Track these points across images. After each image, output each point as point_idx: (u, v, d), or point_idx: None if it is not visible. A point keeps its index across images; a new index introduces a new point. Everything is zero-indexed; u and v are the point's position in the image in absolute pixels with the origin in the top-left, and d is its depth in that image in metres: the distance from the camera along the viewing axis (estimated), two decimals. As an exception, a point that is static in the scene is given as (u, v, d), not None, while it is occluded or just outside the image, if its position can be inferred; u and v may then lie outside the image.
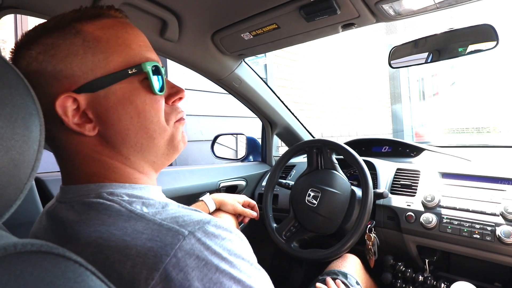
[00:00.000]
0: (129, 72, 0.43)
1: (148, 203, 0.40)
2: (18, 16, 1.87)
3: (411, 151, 1.38)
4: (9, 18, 1.86)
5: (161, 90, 0.46)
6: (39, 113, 0.34)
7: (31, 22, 1.88)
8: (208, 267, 0.34)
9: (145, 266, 0.33)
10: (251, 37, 1.02)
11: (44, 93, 0.41)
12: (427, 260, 1.05)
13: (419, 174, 1.13)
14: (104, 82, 0.42)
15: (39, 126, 0.34)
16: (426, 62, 1.12)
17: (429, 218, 0.99)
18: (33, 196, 0.83)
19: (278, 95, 1.50)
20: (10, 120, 0.31)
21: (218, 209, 0.94)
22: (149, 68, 0.44)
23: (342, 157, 1.10)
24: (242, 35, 1.01)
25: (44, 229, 0.45)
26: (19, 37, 0.47)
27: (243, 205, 0.98)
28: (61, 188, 0.46)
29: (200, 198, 0.92)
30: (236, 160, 1.82)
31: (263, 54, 3.48)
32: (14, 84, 0.33)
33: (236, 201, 0.96)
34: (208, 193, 0.95)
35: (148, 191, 0.45)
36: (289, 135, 1.63)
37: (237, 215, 0.97)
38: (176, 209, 0.40)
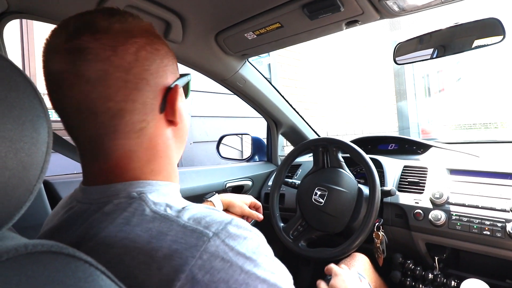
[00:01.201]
0: (186, 78, 0.50)
1: (170, 202, 0.41)
2: (24, 20, 1.89)
3: (418, 148, 1.37)
4: (14, 22, 1.89)
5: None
6: (47, 115, 0.35)
7: (36, 26, 1.90)
8: (233, 268, 0.34)
9: (171, 268, 0.33)
10: (255, 36, 1.02)
11: (152, 83, 0.43)
12: (436, 258, 1.04)
13: (426, 171, 1.12)
14: (184, 80, 0.49)
15: (47, 128, 0.34)
16: (431, 58, 1.11)
17: (438, 215, 0.98)
18: (41, 198, 0.84)
19: (283, 95, 1.49)
20: (18, 123, 0.31)
21: (225, 210, 0.94)
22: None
23: (348, 155, 1.09)
24: (245, 35, 1.01)
25: (61, 230, 0.44)
26: (31, 39, 0.48)
27: (249, 206, 0.98)
28: (82, 188, 0.45)
29: (208, 199, 0.92)
30: (242, 160, 1.82)
31: (266, 54, 3.47)
32: (22, 87, 0.33)
33: (244, 202, 0.96)
34: (216, 193, 0.95)
35: (172, 189, 0.46)
36: (294, 134, 1.63)
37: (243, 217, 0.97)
38: (197, 209, 0.40)
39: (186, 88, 0.52)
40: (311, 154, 1.25)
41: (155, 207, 0.39)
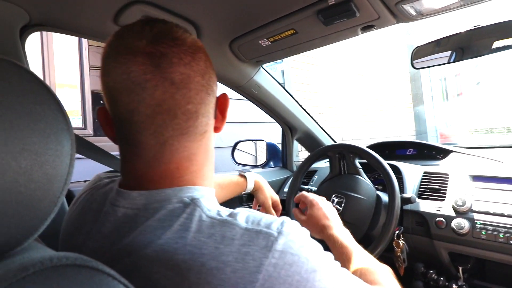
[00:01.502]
0: None
1: (218, 208, 0.42)
2: (43, 32, 1.96)
3: (438, 153, 1.33)
4: (35, 34, 1.95)
5: None
6: (70, 128, 0.35)
7: (56, 38, 1.97)
8: (302, 259, 0.37)
9: (247, 270, 0.35)
10: (269, 43, 1.02)
11: (214, 89, 0.47)
12: (460, 268, 1.01)
13: (447, 178, 1.09)
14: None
15: (70, 140, 0.35)
16: (449, 62, 1.09)
17: (461, 223, 0.94)
18: (62, 206, 0.86)
19: (297, 100, 1.49)
20: (43, 136, 0.32)
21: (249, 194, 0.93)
22: None
23: (365, 161, 1.07)
24: (259, 41, 1.01)
25: (101, 237, 0.43)
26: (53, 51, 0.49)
27: (272, 203, 0.98)
28: (121, 192, 0.45)
29: (245, 173, 0.90)
30: (257, 166, 1.81)
31: (280, 60, 3.48)
32: (47, 101, 0.34)
33: (271, 196, 0.95)
34: (252, 171, 0.93)
35: (213, 194, 0.47)
36: (309, 140, 1.62)
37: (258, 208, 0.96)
38: (245, 212, 0.41)
39: None
40: (327, 160, 1.24)
41: (209, 213, 0.40)
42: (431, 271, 1.05)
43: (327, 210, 0.80)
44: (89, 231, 0.45)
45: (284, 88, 1.42)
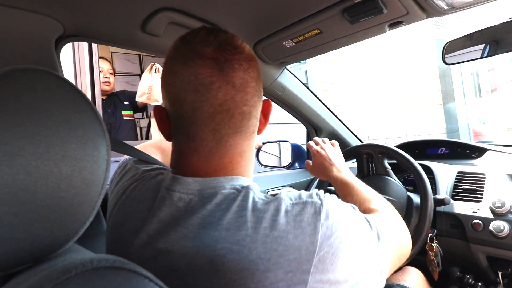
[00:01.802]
0: None
1: (262, 193, 0.48)
2: (75, 43, 2.05)
3: (472, 152, 1.27)
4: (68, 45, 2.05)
5: None
6: (106, 135, 0.36)
7: (86, 47, 2.05)
8: (343, 216, 0.45)
9: (306, 234, 0.41)
10: (293, 44, 1.01)
11: (261, 95, 0.53)
12: (500, 273, 0.95)
13: (484, 177, 1.03)
14: None
15: (106, 146, 0.36)
16: (482, 56, 1.04)
17: (500, 226, 0.89)
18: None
19: (322, 100, 1.47)
20: (81, 142, 0.33)
21: None
22: None
23: (394, 161, 1.04)
24: (284, 43, 1.01)
25: (154, 220, 0.47)
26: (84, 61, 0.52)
27: None
28: (175, 178, 0.49)
29: None
30: (281, 167, 1.81)
31: (304, 60, 3.45)
32: (84, 109, 0.35)
33: None
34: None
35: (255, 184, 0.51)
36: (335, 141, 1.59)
37: None
38: (285, 191, 0.48)
39: None
40: (354, 161, 1.21)
41: (259, 195, 0.46)
42: (468, 276, 1.01)
43: (330, 154, 0.86)
44: (145, 217, 0.48)
45: (308, 88, 1.41)
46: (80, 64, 2.01)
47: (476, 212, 0.96)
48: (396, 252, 0.53)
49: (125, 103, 2.40)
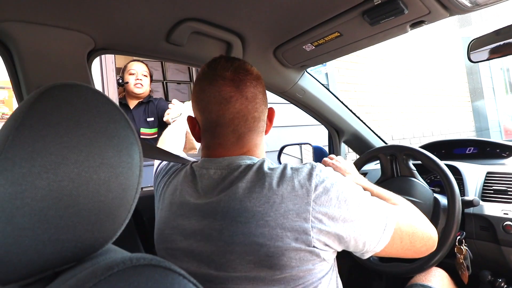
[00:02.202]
0: None
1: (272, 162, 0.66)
2: (103, 56, 2.15)
3: (503, 151, 1.23)
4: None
5: None
6: (138, 143, 0.39)
7: (109, 59, 2.14)
8: (334, 175, 0.61)
9: (305, 185, 0.57)
10: (313, 47, 1.02)
11: (266, 103, 0.71)
12: (534, 277, 0.92)
13: (515, 178, 1.00)
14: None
15: (139, 153, 0.39)
16: (510, 53, 1.00)
17: (533, 228, 0.86)
18: None
19: (343, 101, 1.46)
20: (117, 150, 0.36)
21: None
22: None
23: (419, 162, 1.02)
24: (303, 47, 1.02)
25: (195, 187, 0.67)
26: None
27: None
28: (209, 160, 0.67)
29: None
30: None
31: (324, 63, 3.43)
32: (118, 119, 0.38)
33: None
34: None
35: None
36: (358, 142, 1.57)
37: None
38: (288, 163, 0.64)
39: None
40: (378, 162, 1.20)
41: (271, 165, 0.63)
42: (500, 280, 0.97)
43: (346, 166, 0.95)
44: (193, 191, 0.66)
45: (329, 90, 1.40)
46: (108, 75, 2.10)
47: (507, 214, 0.93)
48: (407, 229, 0.64)
49: (148, 119, 2.17)
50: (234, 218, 0.56)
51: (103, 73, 2.03)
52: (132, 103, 2.18)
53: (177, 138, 1.20)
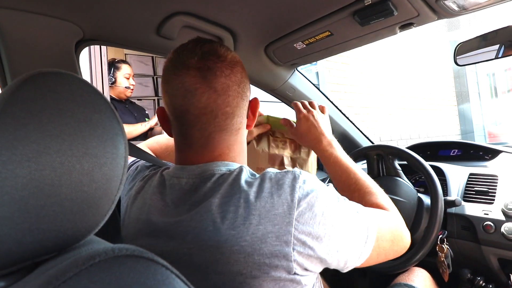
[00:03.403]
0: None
1: (252, 171, 0.56)
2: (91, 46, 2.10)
3: (486, 153, 1.26)
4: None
5: None
6: (123, 133, 0.39)
7: (101, 51, 2.10)
8: (318, 186, 0.52)
9: (286, 194, 0.49)
10: (304, 46, 1.02)
11: (247, 96, 0.61)
12: (511, 275, 0.94)
13: (496, 179, 1.02)
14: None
15: (124, 144, 0.38)
16: (496, 57, 1.03)
17: (511, 228, 0.88)
18: None
19: (332, 101, 1.47)
20: (101, 140, 0.36)
21: None
22: None
23: (405, 162, 1.04)
24: (294, 45, 1.02)
25: (176, 198, 0.56)
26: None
27: None
28: (181, 167, 0.58)
29: None
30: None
31: (315, 62, 3.45)
32: (103, 109, 0.37)
33: None
34: None
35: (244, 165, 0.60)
36: (346, 142, 1.59)
37: None
38: (271, 168, 0.56)
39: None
40: (365, 162, 1.21)
41: (250, 174, 0.54)
42: (479, 278, 1.00)
43: (321, 122, 0.81)
44: (162, 206, 0.56)
45: (319, 89, 1.41)
46: (96, 67, 2.06)
47: (487, 214, 0.95)
48: (386, 236, 0.58)
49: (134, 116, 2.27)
50: (205, 242, 0.47)
51: (91, 65, 1.99)
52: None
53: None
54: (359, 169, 0.71)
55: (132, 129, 2.10)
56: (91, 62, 2.04)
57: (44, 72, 0.36)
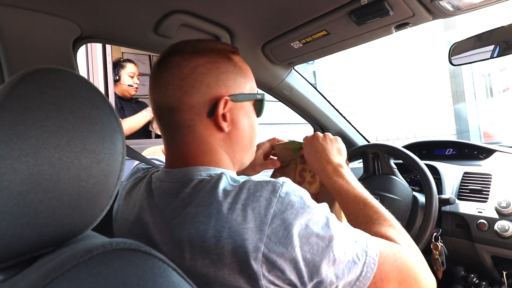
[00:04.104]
0: (258, 96, 0.62)
1: (235, 177, 0.53)
2: (88, 44, 2.10)
3: (480, 153, 1.27)
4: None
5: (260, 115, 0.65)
6: (121, 130, 0.39)
7: (98, 48, 2.10)
8: (300, 201, 0.46)
9: (262, 207, 0.45)
10: (301, 45, 1.03)
11: (203, 92, 0.55)
12: (504, 272, 0.96)
13: (490, 178, 1.04)
14: (243, 97, 0.59)
15: (122, 140, 0.39)
16: (492, 57, 1.04)
17: (505, 226, 0.90)
18: None
19: (329, 100, 1.48)
20: (99, 136, 0.36)
21: None
22: (264, 96, 0.64)
23: (401, 161, 1.05)
24: (291, 44, 1.03)
25: (158, 200, 0.55)
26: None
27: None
28: (166, 171, 0.57)
29: None
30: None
31: (312, 61, 3.46)
32: (101, 106, 0.38)
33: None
34: None
35: (233, 171, 0.59)
36: (342, 140, 1.60)
37: None
38: (256, 176, 0.51)
39: (258, 106, 0.64)
40: (361, 160, 1.22)
41: (230, 178, 0.51)
42: (472, 275, 1.01)
43: (325, 146, 0.75)
44: (150, 210, 0.55)
45: (315, 88, 1.42)
46: (93, 65, 2.06)
47: (481, 212, 0.97)
48: (394, 275, 0.48)
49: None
50: (181, 253, 0.46)
51: (88, 63, 1.99)
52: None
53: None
54: (372, 199, 0.63)
55: (138, 118, 2.12)
56: (88, 61, 2.04)
57: (43, 68, 0.36)
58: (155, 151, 0.99)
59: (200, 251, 0.45)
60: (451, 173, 1.12)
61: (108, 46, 2.11)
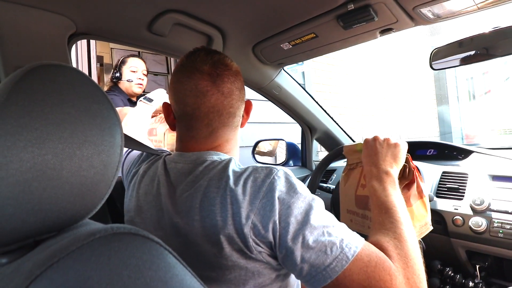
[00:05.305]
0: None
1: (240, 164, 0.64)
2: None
3: (459, 153, 1.33)
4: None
5: None
6: (120, 123, 0.42)
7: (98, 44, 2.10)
8: (294, 186, 0.57)
9: (256, 186, 0.56)
10: (290, 46, 1.06)
11: (243, 99, 0.71)
12: (477, 266, 1.01)
13: (467, 177, 1.09)
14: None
15: (120, 134, 0.41)
16: (471, 62, 1.08)
17: (478, 222, 0.95)
18: None
19: (317, 101, 1.52)
20: (100, 129, 0.38)
21: None
22: None
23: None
24: (281, 45, 1.06)
25: (176, 178, 0.65)
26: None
27: None
28: (180, 154, 0.67)
29: None
30: (277, 165, 1.86)
31: (301, 62, 3.50)
32: (101, 101, 0.40)
33: None
34: None
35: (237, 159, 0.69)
36: (328, 140, 1.65)
37: None
38: (257, 164, 0.63)
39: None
40: (346, 159, 1.26)
41: (238, 165, 0.62)
42: (448, 269, 1.07)
43: (379, 149, 0.76)
44: (168, 185, 0.65)
45: (304, 89, 1.46)
46: (83, 61, 2.05)
47: (457, 209, 1.02)
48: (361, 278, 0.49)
49: None
50: (192, 217, 0.57)
51: (77, 59, 1.98)
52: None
53: (139, 124, 1.23)
54: (398, 211, 0.62)
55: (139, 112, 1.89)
56: (77, 56, 2.03)
57: (46, 64, 0.38)
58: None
59: (208, 213, 0.55)
60: (431, 172, 1.18)
61: (92, 42, 2.09)
